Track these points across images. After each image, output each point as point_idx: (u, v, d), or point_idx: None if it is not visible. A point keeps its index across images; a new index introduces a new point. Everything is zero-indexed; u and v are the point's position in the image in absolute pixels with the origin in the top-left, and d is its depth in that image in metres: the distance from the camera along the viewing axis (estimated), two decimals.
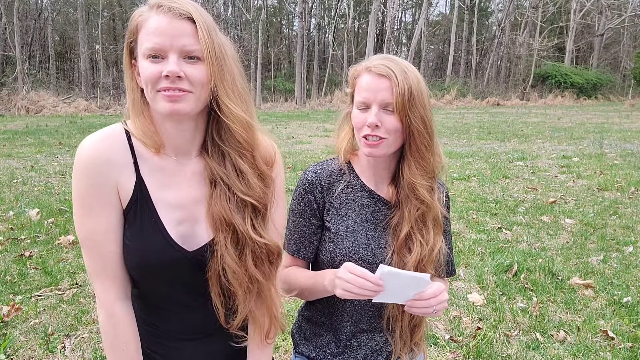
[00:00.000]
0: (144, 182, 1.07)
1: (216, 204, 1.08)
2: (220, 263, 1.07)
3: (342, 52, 30.56)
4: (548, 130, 14.61)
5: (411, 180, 1.27)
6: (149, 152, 1.08)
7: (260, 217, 1.12)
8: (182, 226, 1.09)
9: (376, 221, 1.33)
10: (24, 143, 10.94)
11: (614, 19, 34.78)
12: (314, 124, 16.12)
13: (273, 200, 1.15)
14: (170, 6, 0.99)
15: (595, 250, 4.49)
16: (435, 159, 1.29)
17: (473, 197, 6.47)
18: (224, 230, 1.07)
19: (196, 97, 1.02)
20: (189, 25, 1.00)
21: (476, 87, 32.02)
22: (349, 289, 1.13)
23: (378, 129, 1.22)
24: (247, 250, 1.09)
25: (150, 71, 0.99)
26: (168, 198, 1.09)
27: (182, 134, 1.08)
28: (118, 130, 1.09)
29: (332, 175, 1.36)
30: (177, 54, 0.99)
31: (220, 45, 1.04)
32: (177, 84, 0.99)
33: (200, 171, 1.11)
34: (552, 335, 3.04)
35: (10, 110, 18.85)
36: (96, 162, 1.03)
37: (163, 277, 1.09)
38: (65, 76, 29.39)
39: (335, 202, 1.34)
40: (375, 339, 1.38)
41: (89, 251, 1.06)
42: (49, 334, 2.98)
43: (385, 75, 1.22)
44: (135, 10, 1.05)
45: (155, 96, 1.01)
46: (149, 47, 0.99)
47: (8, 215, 5.27)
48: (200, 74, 1.01)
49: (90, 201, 1.03)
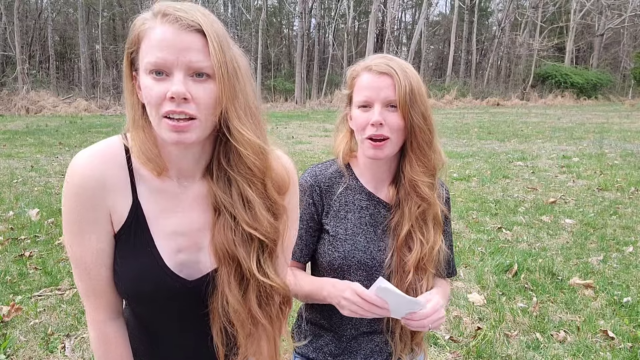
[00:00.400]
0: (141, 206, 0.98)
1: (220, 233, 0.97)
2: (222, 299, 0.98)
3: (342, 52, 30.55)
4: (548, 130, 14.61)
5: (412, 177, 1.27)
6: (149, 173, 0.97)
7: (267, 254, 1.00)
8: (182, 254, 1.00)
9: (375, 224, 1.33)
10: (24, 143, 10.94)
11: (614, 19, 34.78)
12: (314, 124, 16.12)
13: (286, 233, 1.03)
14: (177, 15, 0.87)
15: (595, 250, 4.49)
16: (435, 155, 1.29)
17: (473, 197, 6.47)
18: (227, 264, 0.97)
19: (203, 125, 0.90)
20: (198, 38, 0.88)
21: (476, 87, 32.02)
22: (357, 310, 1.15)
23: (382, 127, 1.21)
24: (251, 288, 0.98)
25: (154, 92, 0.87)
26: (168, 224, 0.99)
27: (186, 158, 0.98)
28: (116, 146, 0.98)
29: (331, 177, 1.35)
30: (184, 71, 0.87)
31: (233, 61, 0.91)
32: (182, 106, 0.87)
33: (204, 195, 1.01)
34: (552, 335, 3.04)
35: (10, 110, 18.85)
36: (88, 182, 0.92)
37: (157, 307, 1.02)
38: (65, 76, 29.40)
39: (334, 205, 1.33)
40: (375, 340, 1.37)
41: (78, 272, 0.99)
42: (49, 334, 2.97)
43: (387, 73, 1.22)
44: (137, 17, 0.94)
45: (159, 122, 0.89)
46: (151, 62, 0.87)
47: (8, 215, 5.27)
48: (209, 96, 0.89)
49: (79, 223, 0.94)
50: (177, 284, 0.98)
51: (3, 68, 24.36)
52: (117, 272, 0.98)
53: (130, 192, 0.97)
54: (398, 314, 1.17)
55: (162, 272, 0.97)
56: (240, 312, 0.97)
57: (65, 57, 30.70)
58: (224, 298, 0.97)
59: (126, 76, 0.95)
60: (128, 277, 0.97)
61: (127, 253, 0.97)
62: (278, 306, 1.04)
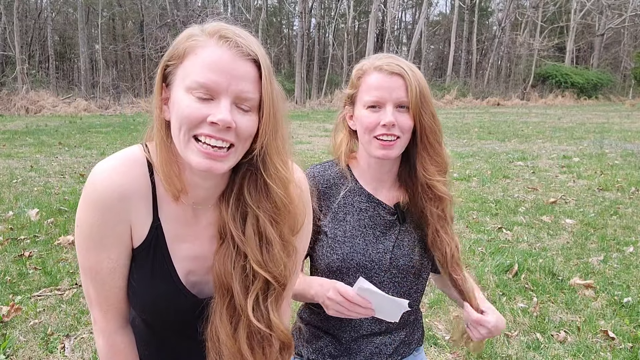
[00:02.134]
0: (161, 225, 0.95)
1: (219, 262, 0.94)
2: (213, 330, 0.95)
3: (342, 52, 30.54)
4: (548, 130, 14.60)
5: (428, 178, 1.25)
6: (168, 195, 0.94)
7: (274, 298, 0.95)
8: (193, 276, 1.00)
9: (375, 226, 1.31)
10: (23, 143, 10.94)
11: (615, 18, 34.76)
12: (314, 124, 16.11)
13: (294, 275, 0.99)
14: (237, 41, 0.84)
15: (595, 251, 4.49)
16: (445, 153, 1.29)
17: (473, 197, 6.46)
18: (222, 294, 0.94)
19: (237, 155, 0.88)
20: (253, 68, 0.85)
21: (476, 87, 32.01)
22: (341, 310, 1.15)
23: (393, 127, 1.21)
24: (241, 326, 0.93)
25: (192, 110, 0.82)
26: (181, 248, 0.98)
27: (206, 185, 0.95)
28: (139, 158, 0.93)
29: (330, 179, 1.34)
30: (231, 98, 0.84)
31: (277, 95, 0.90)
32: (222, 134, 0.83)
33: (216, 222, 0.98)
34: (552, 335, 3.03)
35: (10, 110, 18.84)
36: (113, 196, 0.88)
37: (169, 323, 1.02)
38: (64, 76, 29.41)
39: (333, 206, 1.32)
40: (375, 342, 1.37)
41: (91, 282, 0.97)
42: (49, 334, 2.97)
43: (399, 74, 1.21)
44: (185, 30, 0.89)
45: (188, 143, 0.85)
46: (200, 82, 0.82)
47: (8, 215, 5.27)
48: (252, 126, 0.86)
49: (99, 237, 0.91)
50: (190, 301, 0.98)
51: (3, 68, 24.34)
52: (133, 287, 0.97)
53: (151, 209, 0.94)
54: (383, 314, 1.16)
55: (178, 291, 0.97)
56: (230, 348, 0.93)
57: (64, 57, 30.71)
58: (216, 329, 0.94)
59: (157, 89, 0.90)
60: (146, 294, 0.96)
61: (145, 270, 0.95)
62: (277, 352, 0.98)
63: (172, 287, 0.97)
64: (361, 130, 1.26)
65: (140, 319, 1.06)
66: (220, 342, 0.93)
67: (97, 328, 1.02)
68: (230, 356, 0.94)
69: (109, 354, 1.02)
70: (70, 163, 8.62)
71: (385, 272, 1.30)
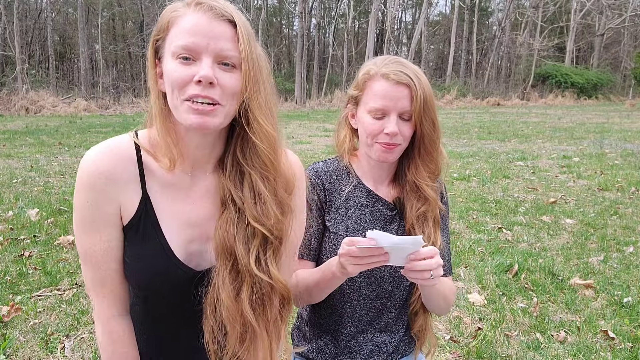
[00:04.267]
0: (150, 199, 0.99)
1: (222, 227, 0.99)
2: (215, 294, 0.98)
3: (342, 52, 30.55)
4: (548, 130, 14.61)
5: (417, 179, 1.28)
6: (160, 167, 0.99)
7: (272, 251, 1.00)
8: (193, 244, 1.02)
9: (375, 221, 1.33)
10: (23, 143, 10.94)
11: (614, 18, 34.77)
12: (314, 124, 16.12)
13: (290, 231, 1.03)
14: (211, 5, 0.91)
15: (595, 251, 4.49)
16: (440, 158, 1.30)
17: (473, 197, 6.47)
18: (224, 259, 0.98)
19: (226, 111, 0.93)
20: (229, 28, 0.92)
21: (476, 87, 32.02)
22: (357, 262, 1.07)
23: (396, 136, 1.22)
24: (245, 287, 0.98)
25: (178, 74, 0.90)
26: (179, 215, 1.01)
27: (202, 146, 1.00)
28: (125, 142, 0.99)
29: (333, 175, 1.36)
30: (212, 57, 0.90)
31: (257, 56, 0.96)
32: (207, 91, 0.89)
33: (214, 188, 1.03)
34: (552, 335, 3.03)
35: (10, 110, 18.84)
36: (98, 178, 0.94)
37: (164, 298, 1.03)
38: (64, 76, 29.41)
39: (336, 201, 1.34)
40: (375, 340, 1.37)
41: (88, 267, 1.01)
42: (49, 334, 2.97)
43: (405, 84, 1.21)
44: (167, 6, 0.97)
45: (180, 105, 0.91)
46: (181, 45, 0.90)
47: (8, 215, 5.27)
48: (235, 83, 0.92)
49: (90, 218, 0.96)
50: (183, 273, 1.00)
51: (3, 68, 24.36)
52: (127, 264, 1.00)
53: (139, 186, 0.98)
54: (399, 260, 1.09)
55: (170, 261, 0.99)
56: (232, 311, 0.97)
57: (64, 57, 30.71)
58: (217, 294, 0.97)
59: (150, 63, 0.97)
60: (138, 267, 0.99)
61: (136, 244, 0.99)
62: (277, 310, 1.03)
63: (165, 259, 0.99)
64: (363, 133, 1.28)
65: (138, 299, 1.07)
66: (223, 306, 0.97)
67: (96, 314, 1.05)
68: (230, 319, 0.98)
69: (107, 341, 1.04)
70: (70, 163, 8.63)
71: (386, 267, 1.30)
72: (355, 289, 1.31)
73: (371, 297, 1.33)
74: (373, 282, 1.31)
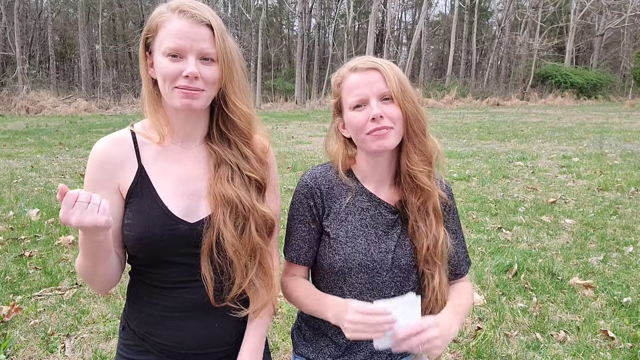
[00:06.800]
0: (144, 168, 1.20)
1: (218, 183, 1.20)
2: (214, 237, 1.18)
3: (342, 52, 30.52)
4: (548, 130, 14.61)
5: (411, 167, 1.27)
6: (152, 142, 1.21)
7: (262, 194, 1.26)
8: (186, 201, 1.20)
9: (376, 225, 1.32)
10: (24, 143, 10.94)
11: (614, 19, 34.77)
12: (314, 124, 16.12)
13: (269, 182, 1.28)
14: (193, 12, 1.13)
15: (595, 251, 4.49)
16: (430, 143, 1.29)
17: (473, 197, 6.47)
18: (223, 206, 1.19)
19: (208, 95, 1.16)
20: (207, 30, 1.13)
21: (476, 87, 32.00)
22: (363, 329, 1.11)
23: (382, 119, 1.22)
24: (251, 221, 1.21)
25: (170, 69, 1.12)
26: (173, 174, 1.21)
27: (189, 120, 1.22)
28: (123, 132, 1.24)
29: (332, 179, 1.34)
30: (195, 55, 1.12)
31: (230, 49, 1.17)
32: (194, 83, 1.12)
33: (204, 155, 1.25)
34: (552, 335, 3.04)
35: (10, 110, 18.85)
36: (102, 158, 1.19)
37: (163, 251, 1.18)
38: (65, 76, 29.39)
39: (335, 206, 1.32)
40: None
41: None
42: (49, 334, 2.97)
43: (374, 68, 1.24)
44: (155, 9, 1.18)
45: (171, 92, 1.14)
46: (170, 47, 1.11)
47: (8, 216, 5.27)
48: (214, 75, 1.15)
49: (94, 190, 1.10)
50: (180, 227, 1.18)
51: (3, 68, 24.36)
52: (128, 224, 1.18)
53: (136, 161, 1.21)
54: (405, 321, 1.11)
55: (167, 216, 1.17)
56: (237, 247, 1.18)
57: (65, 57, 30.69)
58: (220, 234, 1.18)
59: (141, 56, 1.20)
60: (139, 222, 1.17)
61: (136, 205, 1.18)
62: (269, 231, 1.27)
63: (160, 213, 1.17)
64: (354, 132, 1.27)
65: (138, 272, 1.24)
66: (227, 243, 1.17)
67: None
68: (237, 253, 1.18)
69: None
70: (71, 163, 8.63)
71: (387, 272, 1.30)
72: (356, 294, 1.30)
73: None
74: (374, 287, 1.30)
